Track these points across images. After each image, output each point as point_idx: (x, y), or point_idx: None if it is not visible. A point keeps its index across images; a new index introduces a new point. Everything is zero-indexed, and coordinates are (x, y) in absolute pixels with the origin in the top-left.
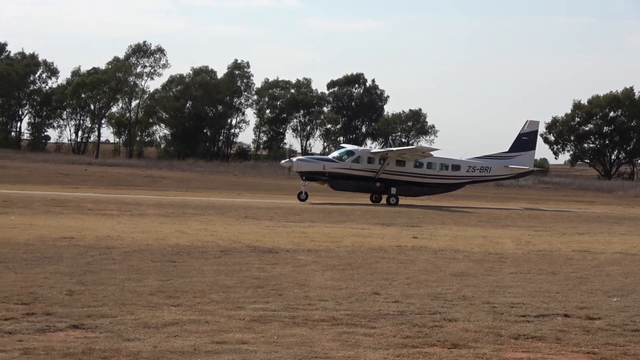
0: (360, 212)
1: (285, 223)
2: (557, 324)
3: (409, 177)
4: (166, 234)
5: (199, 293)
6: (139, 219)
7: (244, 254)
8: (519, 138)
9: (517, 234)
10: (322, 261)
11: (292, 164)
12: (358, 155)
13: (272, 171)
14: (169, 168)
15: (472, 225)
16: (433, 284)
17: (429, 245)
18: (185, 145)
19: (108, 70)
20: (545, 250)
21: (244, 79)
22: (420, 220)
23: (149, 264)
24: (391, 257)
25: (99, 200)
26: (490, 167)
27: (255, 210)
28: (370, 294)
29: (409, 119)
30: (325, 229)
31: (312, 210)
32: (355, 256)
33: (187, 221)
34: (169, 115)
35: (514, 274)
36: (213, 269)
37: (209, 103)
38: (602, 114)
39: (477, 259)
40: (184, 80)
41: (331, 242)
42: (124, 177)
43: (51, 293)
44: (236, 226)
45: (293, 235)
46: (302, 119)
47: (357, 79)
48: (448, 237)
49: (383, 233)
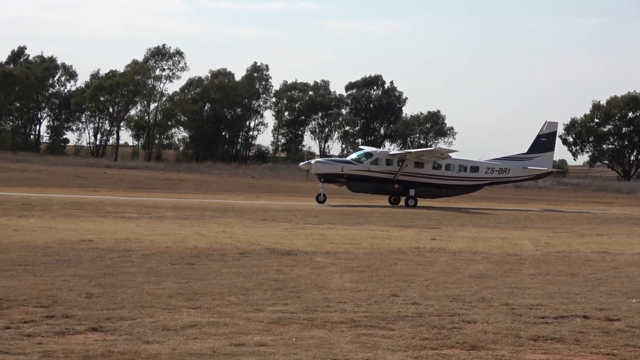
0: (378, 214)
1: (303, 225)
2: (576, 326)
3: (428, 179)
4: (185, 236)
5: (218, 295)
6: (158, 221)
7: (262, 256)
8: (538, 139)
9: (536, 236)
10: (340, 263)
11: (310, 166)
12: (376, 157)
13: (290, 173)
14: (188, 170)
15: (490, 226)
16: (452, 285)
17: (447, 247)
18: (204, 147)
19: (127, 73)
20: (564, 252)
21: (262, 81)
22: (438, 221)
23: (168, 266)
24: (410, 258)
25: (117, 203)
26: (509, 169)
27: (273, 212)
28: (389, 296)
29: (427, 120)
30: (344, 230)
31: (330, 212)
32: (373, 258)
33: (206, 223)
34: (188, 118)
35: (533, 275)
36: (232, 271)
37: (228, 105)
38: (621, 115)
39: (496, 260)
40: (202, 83)
41: (350, 244)
42: (143, 179)
43: (70, 296)
44: (255, 228)
45: (311, 238)
46: (320, 121)
47: (375, 81)
48: (467, 239)
49: (402, 235)
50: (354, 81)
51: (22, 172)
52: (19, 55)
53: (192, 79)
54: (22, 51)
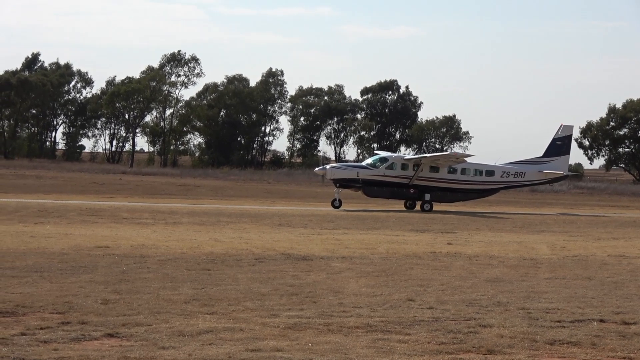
0: (394, 219)
1: (319, 230)
2: (592, 329)
3: (443, 183)
4: (200, 242)
5: (234, 301)
6: (174, 227)
7: (278, 261)
8: (553, 143)
9: (552, 240)
10: (356, 268)
11: (326, 172)
12: (392, 162)
13: (306, 178)
14: (203, 176)
15: (506, 231)
16: (468, 290)
17: (463, 252)
18: (220, 153)
19: (142, 80)
20: (580, 256)
21: (277, 87)
22: (454, 226)
23: (184, 272)
24: (425, 263)
25: (133, 209)
26: (525, 172)
27: (289, 217)
28: (405, 301)
29: (442, 124)
30: (360, 235)
31: (346, 217)
32: (389, 263)
33: (222, 229)
34: (203, 124)
35: (549, 279)
36: (247, 276)
37: (243, 111)
38: (637, 118)
39: (512, 264)
40: (217, 89)
41: (365, 249)
42: (159, 185)
43: (86, 302)
44: (270, 234)
45: (327, 243)
46: (335, 126)
47: (390, 86)
48: (483, 243)
49: (417, 239)
50: (369, 86)
51: (38, 179)
52: (33, 62)
53: (207, 85)
54: (37, 58)
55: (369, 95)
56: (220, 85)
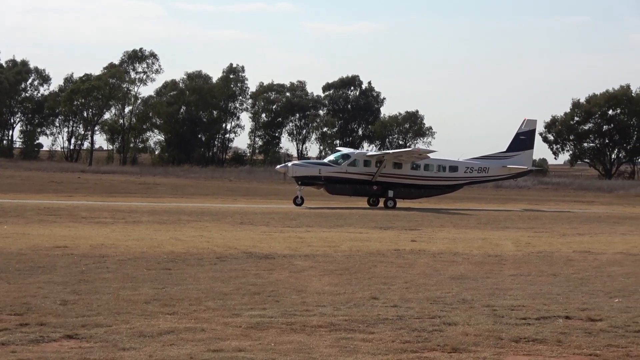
0: (357, 216)
1: (281, 228)
2: (558, 326)
3: (406, 180)
4: (161, 241)
5: (195, 301)
6: (134, 226)
7: (240, 260)
8: (517, 137)
9: (516, 236)
10: (319, 266)
11: (287, 169)
12: (354, 159)
13: (268, 176)
14: (164, 174)
15: (471, 227)
16: (432, 287)
17: (427, 249)
18: (180, 151)
19: (102, 77)
20: (545, 252)
21: (238, 83)
22: (418, 223)
23: (144, 272)
24: (389, 261)
25: (92, 208)
26: (488, 168)
27: (251, 215)
28: (369, 299)
29: (405, 120)
30: (323, 233)
31: (308, 215)
32: (353, 261)
33: (182, 228)
34: (163, 121)
35: (514, 276)
36: (209, 276)
37: (204, 108)
38: (601, 113)
39: (476, 261)
40: (177, 86)
41: (328, 247)
42: (118, 184)
43: (45, 303)
44: (232, 232)
45: (290, 241)
46: (297, 123)
47: (352, 82)
48: (447, 240)
49: (381, 237)
50: (331, 82)
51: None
52: None
53: (167, 82)
54: None
55: (331, 91)
56: (180, 82)
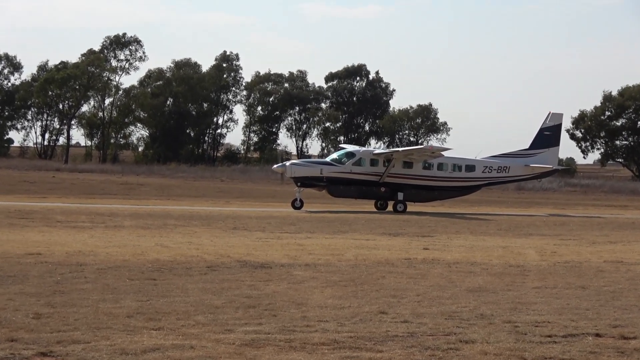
0: (363, 221)
1: (279, 234)
2: (587, 345)
3: (418, 181)
4: (145, 248)
5: (183, 315)
6: (115, 231)
7: (233, 269)
8: (541, 133)
9: (541, 244)
10: (321, 277)
11: (285, 169)
12: (360, 157)
13: (264, 176)
14: (148, 174)
15: (490, 234)
16: (447, 301)
17: (442, 258)
18: (166, 147)
19: (80, 65)
20: (573, 262)
21: (231, 73)
22: (431, 229)
23: (126, 282)
24: (399, 271)
25: (69, 211)
26: (509, 167)
27: (245, 220)
28: (377, 314)
29: (417, 115)
30: (325, 240)
31: (309, 220)
32: (358, 271)
33: (169, 233)
34: (148, 114)
35: (538, 288)
36: (198, 287)
37: (193, 100)
38: (636, 107)
39: (496, 272)
40: (164, 75)
41: (331, 255)
42: (97, 184)
43: (16, 316)
44: (224, 238)
45: (288, 248)
46: (297, 117)
47: (358, 71)
48: (463, 248)
49: (390, 244)
50: (334, 71)
51: None
52: None
53: (152, 71)
54: None
55: (335, 81)
56: (166, 71)
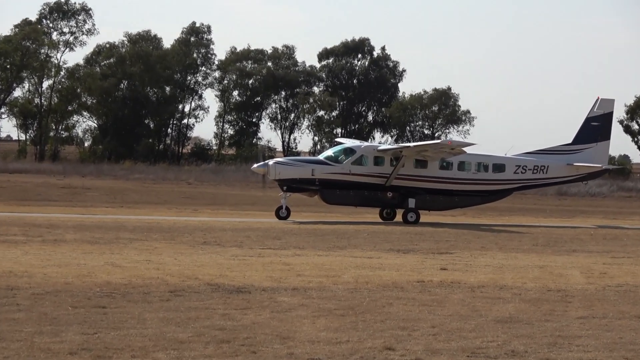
0: (365, 234)
1: (260, 251)
2: None
3: (434, 184)
4: (92, 268)
5: (140, 351)
6: (54, 247)
7: (202, 295)
8: (587, 124)
9: (587, 263)
10: (312, 304)
11: (267, 169)
12: (361, 155)
13: (241, 178)
14: (96, 175)
15: (524, 250)
16: (470, 334)
17: (463, 280)
18: (119, 142)
19: (12, 38)
20: (627, 285)
21: (201, 49)
22: (450, 244)
23: (68, 311)
24: (410, 297)
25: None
26: (547, 166)
27: (218, 232)
28: (382, 350)
29: (433, 101)
30: (317, 258)
31: (297, 233)
32: (359, 296)
33: (122, 250)
34: (96, 101)
35: (583, 319)
36: (159, 316)
37: (152, 83)
38: None
39: (531, 298)
40: (116, 52)
41: (325, 277)
42: (33, 188)
43: None
44: (191, 256)
45: (272, 268)
46: (283, 104)
47: (360, 47)
48: (490, 269)
49: (399, 263)
50: (330, 47)
51: None
52: None
53: (101, 46)
54: None
55: (330, 60)
56: (119, 47)
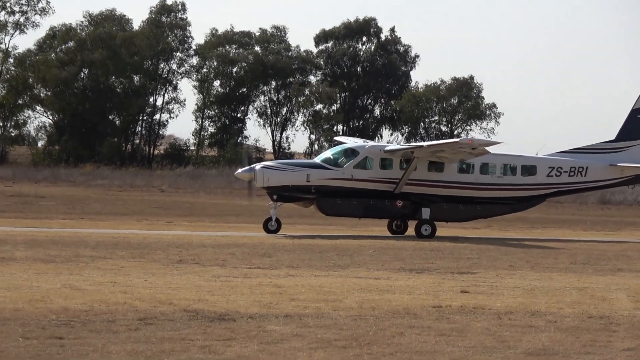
0: (371, 251)
1: (246, 271)
2: None
3: (452, 190)
4: (47, 291)
5: None
6: (1, 267)
7: (177, 323)
8: (633, 116)
9: (636, 284)
10: (309, 334)
11: (255, 175)
12: (365, 156)
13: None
14: (52, 181)
15: (560, 269)
16: None
17: (488, 305)
18: (79, 142)
19: None
20: None
21: (176, 31)
22: (472, 262)
23: (19, 342)
24: (425, 325)
25: None
26: (587, 167)
27: (196, 249)
28: None
29: (452, 93)
30: (314, 279)
31: (291, 249)
32: (364, 325)
33: (83, 270)
34: (51, 93)
35: (630, 350)
36: (126, 349)
37: (118, 71)
38: None
39: (569, 326)
40: (74, 35)
41: (324, 302)
42: None
43: None
44: (165, 277)
45: (260, 291)
46: (273, 97)
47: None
48: (520, 291)
49: (411, 285)
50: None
51: None
52: None
53: (57, 29)
54: None
55: (330, 44)
56: (78, 29)
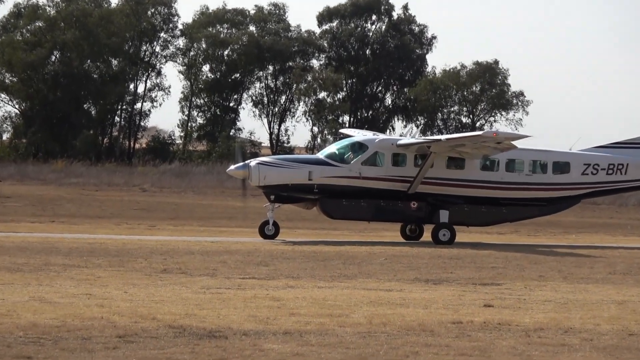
0: (382, 259)
1: (240, 281)
2: None
3: (474, 190)
4: (14, 305)
5: None
6: None
7: (161, 340)
8: None
9: None
10: (311, 353)
11: (249, 172)
12: (374, 151)
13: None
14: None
15: (597, 281)
16: None
17: (515, 321)
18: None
19: None
20: None
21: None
22: (497, 272)
23: None
24: (443, 343)
25: None
26: (627, 164)
27: (183, 257)
28: None
29: (474, 79)
30: (317, 291)
31: (290, 257)
32: (374, 343)
33: (54, 280)
34: (18, 79)
35: None
36: None
37: (93, 54)
38: None
39: (607, 345)
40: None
41: (329, 317)
42: None
43: None
44: (147, 288)
45: (256, 305)
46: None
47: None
48: (552, 305)
49: (428, 298)
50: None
51: None
52: None
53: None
54: None
55: (335, 23)
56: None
